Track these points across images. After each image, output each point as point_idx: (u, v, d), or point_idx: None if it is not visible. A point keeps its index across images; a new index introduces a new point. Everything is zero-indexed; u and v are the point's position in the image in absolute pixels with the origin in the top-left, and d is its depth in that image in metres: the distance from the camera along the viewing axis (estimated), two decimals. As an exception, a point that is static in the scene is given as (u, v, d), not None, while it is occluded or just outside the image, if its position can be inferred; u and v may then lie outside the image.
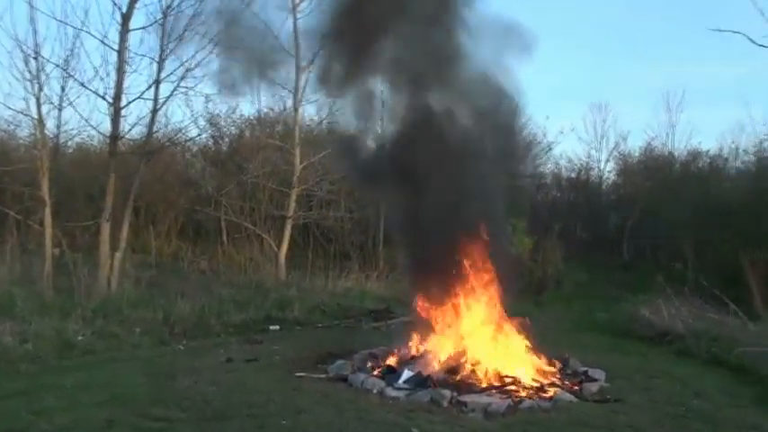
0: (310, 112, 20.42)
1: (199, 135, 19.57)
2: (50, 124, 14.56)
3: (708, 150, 22.98)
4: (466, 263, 8.84)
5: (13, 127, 18.02)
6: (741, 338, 10.00)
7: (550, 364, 8.68)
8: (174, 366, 8.78)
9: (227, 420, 6.48)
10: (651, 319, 12.22)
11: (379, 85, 9.99)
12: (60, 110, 14.77)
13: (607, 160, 26.80)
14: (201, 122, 19.31)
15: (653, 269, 17.90)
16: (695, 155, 23.36)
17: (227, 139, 21.83)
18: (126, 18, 12.88)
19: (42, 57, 12.81)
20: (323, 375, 8.43)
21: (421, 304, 9.10)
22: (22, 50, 12.53)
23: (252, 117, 21.03)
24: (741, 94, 30.82)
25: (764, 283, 12.96)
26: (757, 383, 8.40)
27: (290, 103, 18.39)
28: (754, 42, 4.63)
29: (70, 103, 14.09)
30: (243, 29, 13.28)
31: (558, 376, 8.44)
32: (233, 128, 21.47)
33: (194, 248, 19.42)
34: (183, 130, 16.41)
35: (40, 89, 12.84)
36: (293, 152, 17.41)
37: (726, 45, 33.84)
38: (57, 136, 16.45)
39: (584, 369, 8.77)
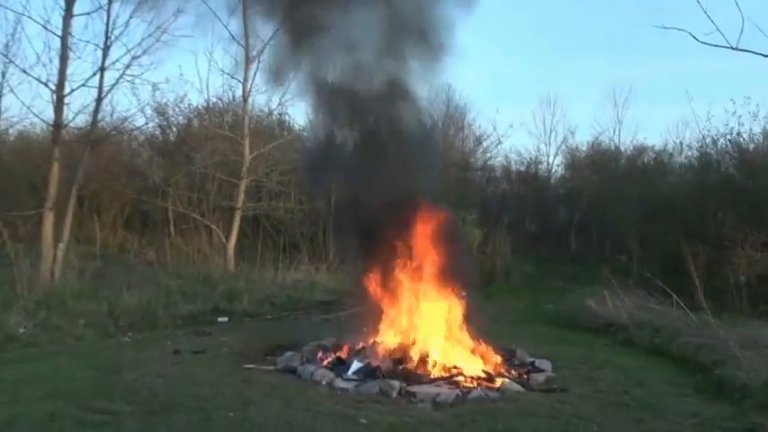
0: (260, 102, 20.33)
1: (145, 124, 19.27)
2: (-10, 111, 14.22)
3: (653, 145, 23.47)
4: (413, 252, 8.91)
5: (-50, 113, 17.57)
6: (683, 329, 10.27)
7: (498, 354, 8.78)
8: (119, 359, 8.66)
9: (174, 413, 6.41)
10: (596, 311, 12.47)
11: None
12: (0, 96, 14.47)
13: (556, 154, 27.15)
14: (148, 111, 19.04)
15: (599, 261, 18.23)
16: (641, 150, 23.81)
17: (174, 129, 21.50)
18: (70, 3, 12.63)
19: (-19, 42, 12.50)
20: (271, 367, 8.40)
21: (370, 295, 9.13)
22: (-40, 35, 12.21)
23: (200, 106, 20.78)
24: (685, 90, 31.59)
25: (706, 275, 13.33)
26: (698, 373, 8.63)
27: (239, 92, 18.25)
28: (696, 40, 4.77)
29: (11, 90, 13.86)
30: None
31: (506, 367, 8.55)
32: (181, 117, 21.16)
33: (141, 239, 19.16)
34: (130, 119, 16.11)
35: (-21, 75, 12.53)
36: (242, 143, 17.29)
37: (670, 42, 34.45)
38: (-3, 123, 16.08)
39: (531, 360, 8.93)
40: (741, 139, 17.72)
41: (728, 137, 17.95)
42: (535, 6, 35.55)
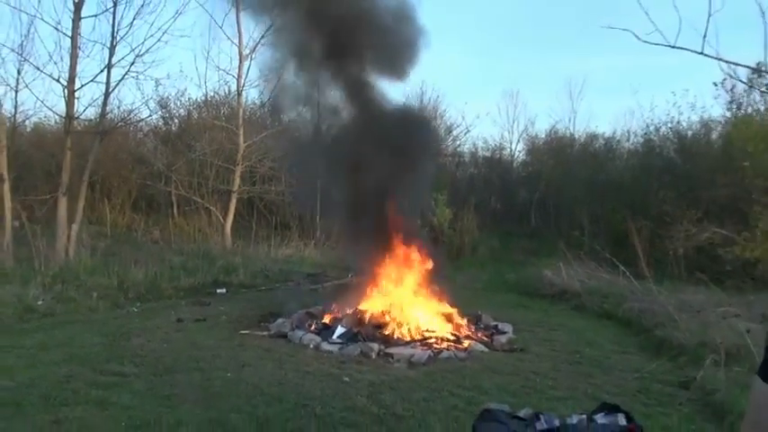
0: (253, 96, 20.22)
1: (149, 116, 19.23)
2: (8, 105, 14.07)
3: (603, 133, 23.49)
4: (393, 233, 8.95)
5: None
6: (628, 295, 10.40)
7: (465, 319, 8.85)
8: (128, 327, 8.61)
9: (177, 374, 6.41)
10: (553, 280, 12.56)
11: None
12: (17, 92, 14.36)
13: (518, 141, 27.12)
14: (152, 104, 19.07)
15: (555, 236, 18.32)
16: (592, 137, 23.78)
17: (176, 120, 21.42)
18: (78, 6, 12.43)
19: (-3, 41, 12.30)
20: (265, 333, 8.42)
21: (354, 268, 9.17)
22: (-23, 35, 11.99)
23: (199, 100, 20.71)
24: (630, 84, 31.70)
25: (649, 247, 13.48)
26: (641, 333, 8.78)
27: (234, 87, 18.15)
28: (638, 39, 4.81)
29: (26, 86, 13.68)
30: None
31: (472, 330, 8.62)
32: (182, 109, 21.12)
33: (147, 220, 19.09)
34: (135, 112, 16.03)
35: (-4, 72, 12.33)
36: (237, 132, 17.23)
37: (618, 40, 34.57)
38: (14, 116, 15.92)
39: (495, 323, 8.99)
40: (680, 127, 17.87)
41: (669, 125, 18.10)
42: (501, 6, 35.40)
